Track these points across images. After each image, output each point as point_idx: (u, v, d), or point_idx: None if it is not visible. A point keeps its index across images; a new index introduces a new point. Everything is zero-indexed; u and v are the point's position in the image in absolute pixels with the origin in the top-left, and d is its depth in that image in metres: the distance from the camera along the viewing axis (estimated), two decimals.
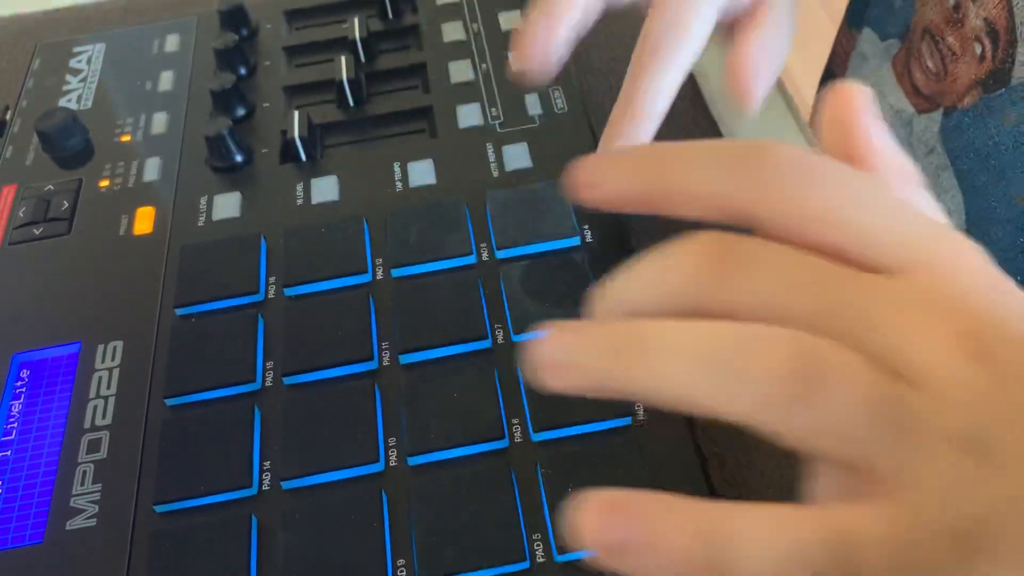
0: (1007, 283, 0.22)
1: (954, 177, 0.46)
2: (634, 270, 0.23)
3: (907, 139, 0.49)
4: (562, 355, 0.22)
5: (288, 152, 0.46)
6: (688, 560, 0.20)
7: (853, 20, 0.54)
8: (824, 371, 0.20)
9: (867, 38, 0.52)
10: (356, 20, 0.51)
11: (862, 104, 0.25)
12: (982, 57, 0.40)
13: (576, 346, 0.22)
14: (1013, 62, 0.39)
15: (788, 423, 0.20)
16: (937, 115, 0.44)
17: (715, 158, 0.23)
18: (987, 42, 0.39)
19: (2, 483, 0.36)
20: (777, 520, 0.20)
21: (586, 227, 0.41)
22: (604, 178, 0.24)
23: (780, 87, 0.50)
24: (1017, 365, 0.20)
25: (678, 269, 0.22)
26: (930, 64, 0.43)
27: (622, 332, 0.22)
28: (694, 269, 0.22)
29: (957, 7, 0.40)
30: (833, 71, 0.56)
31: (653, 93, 0.35)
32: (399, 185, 0.44)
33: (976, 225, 0.46)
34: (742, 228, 0.23)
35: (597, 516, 0.20)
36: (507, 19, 0.52)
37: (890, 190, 0.23)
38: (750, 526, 0.20)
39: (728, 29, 0.38)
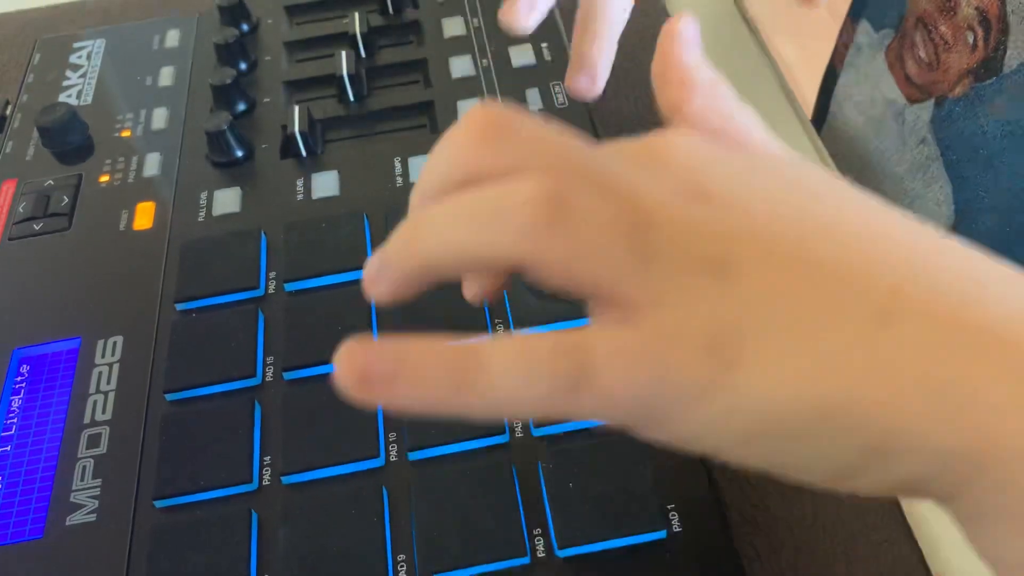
0: (723, 141, 0.24)
1: (943, 167, 0.46)
2: (427, 162, 0.25)
3: (899, 130, 0.49)
4: (373, 267, 0.25)
5: (288, 147, 0.46)
6: (438, 382, 0.21)
7: (854, 11, 0.54)
8: (570, 201, 0.21)
9: (863, 29, 0.52)
10: (357, 15, 0.51)
11: (682, 31, 0.27)
12: (974, 46, 0.40)
13: (383, 250, 0.25)
14: (1005, 51, 0.39)
15: (546, 252, 0.21)
16: (929, 105, 0.44)
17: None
18: (979, 31, 0.39)
19: (2, 478, 0.36)
20: (522, 340, 0.21)
21: None
22: (381, 272, 0.25)
23: (780, 83, 0.50)
24: (731, 197, 0.22)
25: (453, 150, 0.24)
26: (923, 54, 0.43)
27: (406, 227, 0.24)
28: (463, 148, 0.24)
29: None
30: (835, 65, 0.56)
31: (606, 17, 0.38)
32: (400, 180, 0.44)
33: (965, 214, 0.46)
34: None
35: (351, 352, 0.22)
36: None
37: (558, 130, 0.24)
38: (496, 349, 0.21)
39: None
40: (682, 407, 0.21)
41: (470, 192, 0.23)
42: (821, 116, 0.58)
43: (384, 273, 0.25)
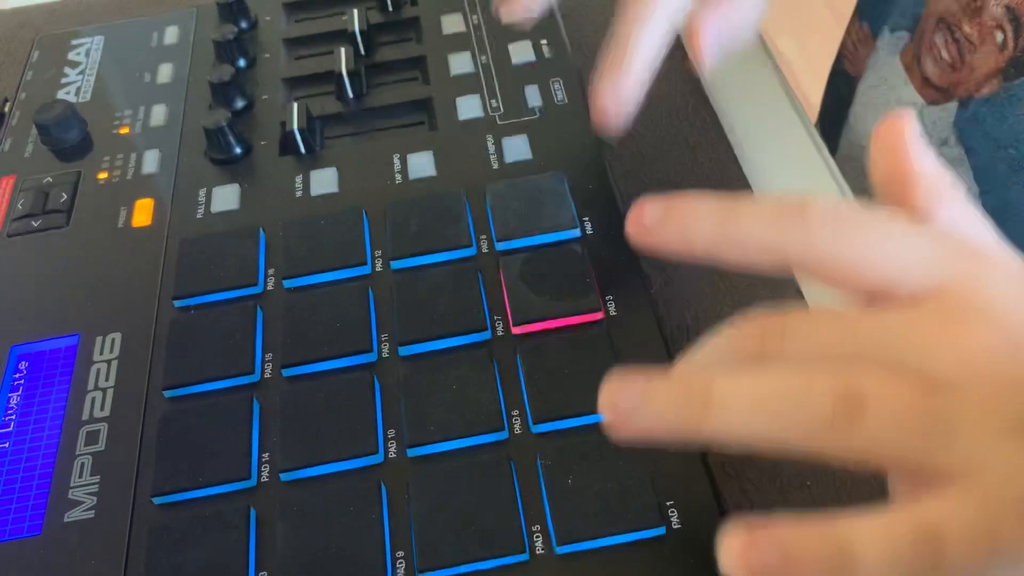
0: None
1: (969, 169, 0.46)
2: (690, 353, 0.26)
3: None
4: (634, 403, 0.25)
5: (287, 144, 0.46)
6: (820, 571, 0.22)
7: (863, 12, 0.54)
8: (864, 395, 0.22)
9: (882, 34, 0.51)
10: (356, 12, 0.51)
11: (907, 130, 0.27)
12: (1003, 45, 0.39)
13: (648, 395, 0.25)
14: None
15: (843, 447, 0.23)
16: (951, 106, 0.43)
17: (765, 215, 0.25)
18: (1009, 30, 0.39)
19: (0, 475, 0.35)
20: (880, 523, 0.22)
21: (586, 219, 0.41)
22: (661, 227, 0.26)
23: (782, 83, 0.50)
24: None
25: (735, 342, 0.25)
26: (945, 54, 0.42)
27: (690, 385, 0.25)
28: (748, 339, 0.25)
29: None
30: (843, 64, 0.56)
31: (643, 45, 0.36)
32: (399, 177, 0.44)
33: (993, 216, 0.46)
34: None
35: (740, 542, 0.23)
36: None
37: (916, 226, 0.25)
38: (863, 533, 0.22)
39: None
40: (1008, 570, 0.21)
41: (769, 381, 0.24)
42: (830, 117, 0.58)
43: (650, 423, 0.25)
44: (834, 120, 0.57)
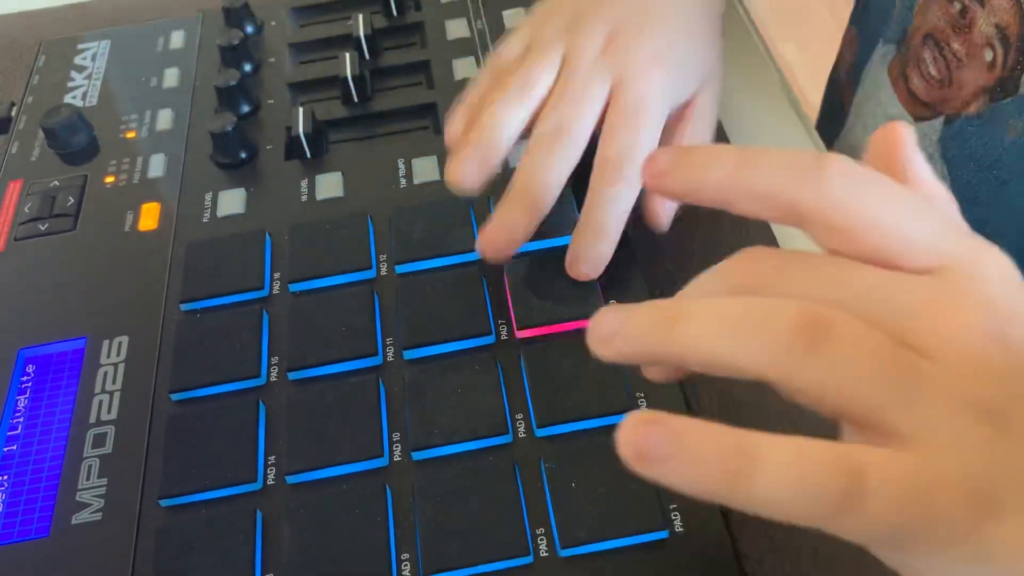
0: None
1: (952, 187, 0.46)
2: (691, 283, 0.27)
3: None
4: (614, 327, 0.25)
5: (293, 148, 0.46)
6: (710, 472, 0.22)
7: (854, 19, 0.54)
8: (830, 329, 0.22)
9: (873, 44, 0.51)
10: (361, 17, 0.51)
11: (905, 139, 0.27)
12: (992, 65, 0.39)
13: (626, 320, 0.25)
14: (1023, 70, 0.38)
15: (799, 375, 0.22)
16: (937, 123, 0.43)
17: (781, 164, 0.25)
18: (999, 49, 0.38)
19: (8, 477, 0.36)
20: (798, 447, 0.21)
21: None
22: (676, 171, 0.26)
23: (784, 87, 0.50)
24: None
25: (727, 276, 0.25)
26: (933, 71, 0.42)
27: (664, 307, 0.25)
28: (740, 274, 0.25)
29: (964, 12, 0.40)
30: (839, 71, 0.56)
31: (615, 212, 0.38)
32: (403, 181, 0.44)
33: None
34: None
35: (633, 428, 0.22)
36: (511, 16, 0.52)
37: (927, 203, 0.25)
38: (773, 450, 0.21)
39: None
40: (934, 546, 0.21)
41: (738, 301, 0.24)
42: (829, 121, 0.58)
43: (624, 342, 0.25)
44: (832, 123, 0.57)
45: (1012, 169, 0.41)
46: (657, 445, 0.22)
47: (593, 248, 0.38)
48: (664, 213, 0.40)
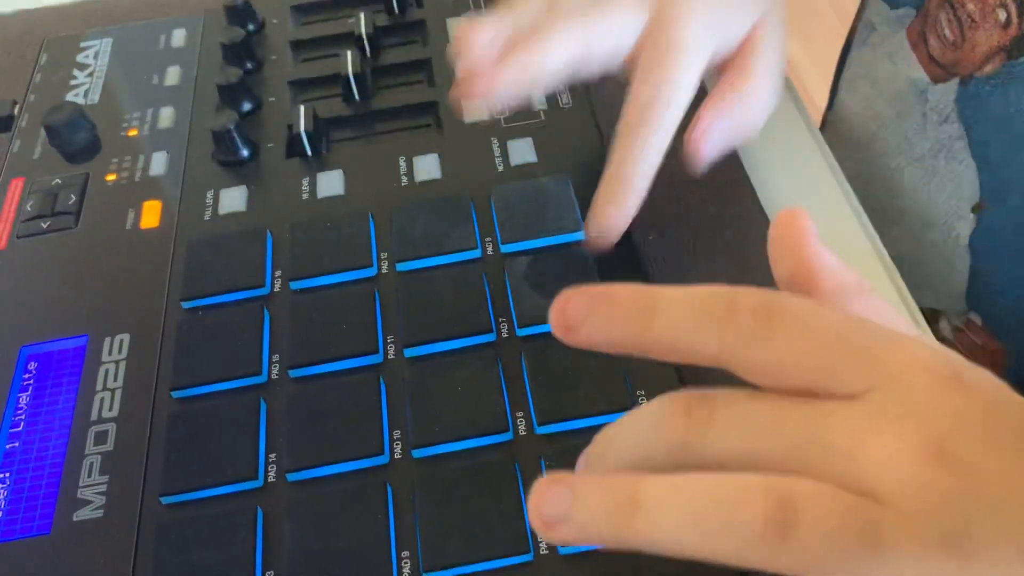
0: (964, 376, 0.23)
1: (968, 147, 0.46)
2: (612, 431, 0.26)
3: (921, 109, 0.48)
4: (561, 510, 0.24)
5: (294, 146, 0.46)
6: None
7: None
8: (796, 511, 0.22)
9: (874, 7, 0.51)
10: (362, 15, 0.51)
11: (806, 228, 0.27)
12: (1007, 23, 0.39)
13: (575, 503, 0.24)
14: None
15: (774, 562, 0.22)
16: (953, 84, 0.43)
17: (691, 313, 0.24)
18: (1012, 7, 0.38)
19: (10, 474, 0.36)
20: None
21: None
22: (584, 326, 0.25)
23: (788, 87, 0.50)
24: (977, 458, 0.21)
25: (652, 430, 0.25)
26: (947, 32, 0.42)
27: (618, 488, 0.24)
28: (667, 428, 0.24)
29: None
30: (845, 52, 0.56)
31: (643, 162, 0.36)
32: (405, 179, 0.44)
33: (992, 196, 0.46)
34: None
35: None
36: None
37: (842, 316, 0.24)
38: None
39: (716, 71, 0.38)
40: None
41: (698, 487, 0.23)
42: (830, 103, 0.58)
43: (574, 530, 0.24)
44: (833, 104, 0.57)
45: None
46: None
47: (612, 206, 0.35)
48: (706, 152, 0.37)
